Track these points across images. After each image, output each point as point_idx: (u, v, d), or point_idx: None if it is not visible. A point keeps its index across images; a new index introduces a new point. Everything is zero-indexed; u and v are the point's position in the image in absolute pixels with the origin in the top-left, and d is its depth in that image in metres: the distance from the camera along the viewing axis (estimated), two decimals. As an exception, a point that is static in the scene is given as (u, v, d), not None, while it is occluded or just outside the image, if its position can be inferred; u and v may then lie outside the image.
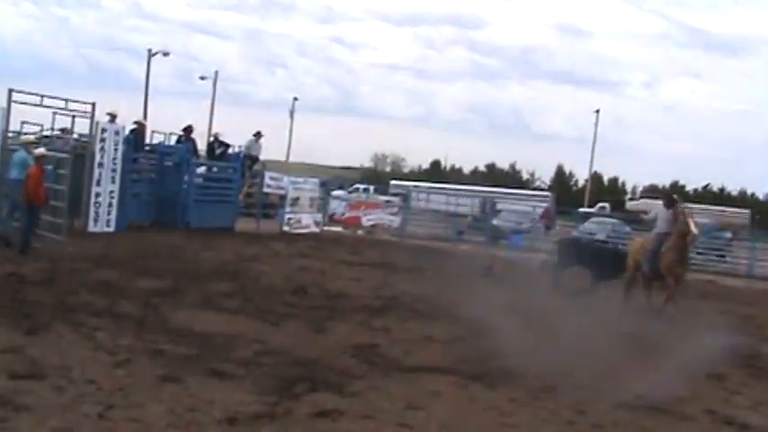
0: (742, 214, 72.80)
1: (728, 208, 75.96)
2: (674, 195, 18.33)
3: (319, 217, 31.45)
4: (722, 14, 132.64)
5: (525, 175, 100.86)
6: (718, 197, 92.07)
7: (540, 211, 46.51)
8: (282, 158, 77.48)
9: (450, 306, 14.51)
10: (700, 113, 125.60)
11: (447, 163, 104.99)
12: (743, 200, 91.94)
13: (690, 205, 32.70)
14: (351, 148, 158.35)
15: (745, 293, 23.83)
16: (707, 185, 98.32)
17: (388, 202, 44.47)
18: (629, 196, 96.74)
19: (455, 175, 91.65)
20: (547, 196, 63.53)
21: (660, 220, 17.07)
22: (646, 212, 64.88)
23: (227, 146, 28.78)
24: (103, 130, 21.38)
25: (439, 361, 10.25)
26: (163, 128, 28.67)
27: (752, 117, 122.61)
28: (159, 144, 26.79)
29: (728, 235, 43.28)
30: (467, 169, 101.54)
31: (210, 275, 15.95)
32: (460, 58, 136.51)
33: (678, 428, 8.20)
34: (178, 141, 27.00)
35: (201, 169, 27.39)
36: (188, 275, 15.53)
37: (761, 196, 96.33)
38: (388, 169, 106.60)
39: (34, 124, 21.94)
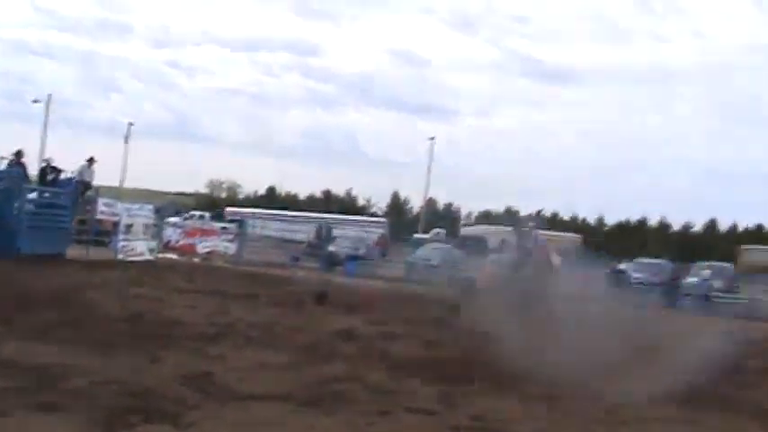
0: (573, 238, 75.15)
1: (561, 233, 78.29)
2: (528, 222, 18.47)
3: (154, 244, 30.83)
4: (555, 45, 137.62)
5: (361, 201, 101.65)
6: (551, 221, 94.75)
7: (375, 237, 46.93)
8: (117, 184, 75.84)
9: (285, 332, 14.43)
10: (533, 141, 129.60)
11: (283, 189, 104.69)
12: (574, 224, 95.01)
13: (544, 232, 33.73)
14: (186, 174, 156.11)
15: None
16: (540, 211, 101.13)
17: (223, 228, 44.05)
18: (463, 222, 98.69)
19: (291, 202, 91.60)
20: (382, 222, 64.24)
21: (511, 247, 16.74)
22: (483, 238, 66.69)
23: (59, 171, 28.04)
24: None
25: (275, 388, 10.12)
26: (-8, 152, 27.62)
27: (583, 145, 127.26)
28: (-13, 168, 25.81)
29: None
30: (303, 195, 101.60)
31: (41, 304, 15.36)
32: (297, 85, 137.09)
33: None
34: (9, 166, 26.11)
35: (33, 195, 26.48)
36: (17, 305, 14.91)
37: (591, 221, 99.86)
38: (223, 195, 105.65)
39: None
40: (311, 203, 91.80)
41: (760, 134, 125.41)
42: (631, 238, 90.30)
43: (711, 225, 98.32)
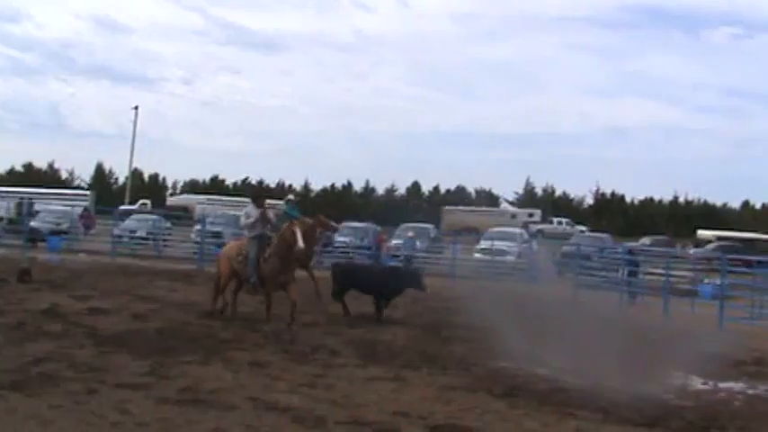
0: (279, 206, 75.73)
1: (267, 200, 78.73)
2: (263, 193, 17.90)
3: None
4: (260, 12, 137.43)
5: (64, 175, 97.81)
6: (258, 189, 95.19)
7: (79, 210, 45.43)
8: None
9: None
10: (238, 109, 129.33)
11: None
12: (280, 192, 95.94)
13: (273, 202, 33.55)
14: None
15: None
16: (246, 179, 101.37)
17: None
18: (170, 192, 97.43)
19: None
20: (87, 195, 62.27)
21: (254, 221, 15.83)
22: (189, 208, 65.90)
23: None
24: None
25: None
26: None
27: (290, 112, 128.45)
28: None
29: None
30: (2, 169, 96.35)
31: None
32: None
33: (224, 418, 8.39)
34: None
35: None
36: None
37: (297, 188, 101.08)
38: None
39: None
40: (11, 178, 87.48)
41: (458, 100, 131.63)
42: (338, 203, 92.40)
43: (415, 187, 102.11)
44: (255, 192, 17.32)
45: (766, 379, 12.79)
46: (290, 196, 19.93)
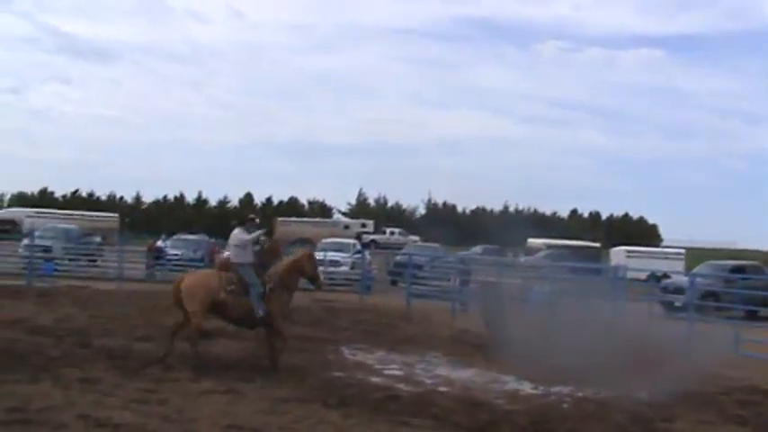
0: (111, 219, 74.34)
1: (98, 213, 77.19)
2: (253, 215, 15.78)
3: None
4: (91, 20, 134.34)
5: None
6: (88, 202, 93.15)
7: None
8: None
9: None
10: (68, 119, 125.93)
11: None
12: (112, 204, 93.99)
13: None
14: None
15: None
16: (76, 191, 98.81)
17: None
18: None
19: None
20: None
21: (236, 248, 13.78)
22: (17, 221, 63.71)
23: None
24: None
25: None
26: None
27: (122, 122, 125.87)
28: None
29: (98, 239, 43.99)
30: None
31: None
32: None
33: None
34: None
35: None
36: None
37: (129, 200, 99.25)
38: None
39: None
40: None
41: (292, 111, 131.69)
42: (170, 215, 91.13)
43: (248, 198, 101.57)
44: (246, 213, 16.11)
45: (594, 383, 13.32)
46: (251, 215, 19.43)
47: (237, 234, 13.93)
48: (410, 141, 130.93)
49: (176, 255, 35.94)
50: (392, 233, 75.83)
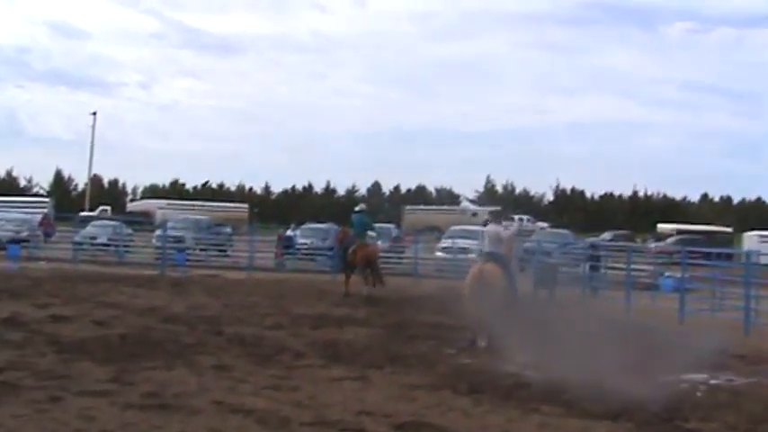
0: (241, 209, 75.78)
1: (228, 203, 78.80)
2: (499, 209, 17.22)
3: None
4: (216, 14, 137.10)
5: (23, 182, 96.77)
6: (218, 192, 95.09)
7: (38, 217, 45.04)
8: None
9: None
10: (197, 112, 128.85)
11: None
12: (241, 195, 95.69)
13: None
14: None
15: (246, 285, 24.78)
16: (206, 182, 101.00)
17: None
18: (129, 197, 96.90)
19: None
20: (46, 202, 61.76)
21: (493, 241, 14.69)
22: (150, 213, 65.57)
23: None
24: None
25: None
26: None
27: (249, 114, 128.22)
28: None
29: (228, 230, 44.84)
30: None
31: None
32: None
33: (188, 422, 8.39)
34: None
35: None
36: None
37: (258, 190, 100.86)
38: None
39: None
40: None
41: (418, 99, 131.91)
42: (299, 204, 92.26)
43: (376, 187, 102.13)
44: (498, 210, 17.68)
45: (726, 369, 12.94)
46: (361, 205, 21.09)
47: (493, 229, 15.10)
48: (537, 127, 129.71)
49: (305, 244, 36.37)
50: (520, 220, 75.19)
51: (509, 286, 14.49)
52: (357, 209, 23.91)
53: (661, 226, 66.41)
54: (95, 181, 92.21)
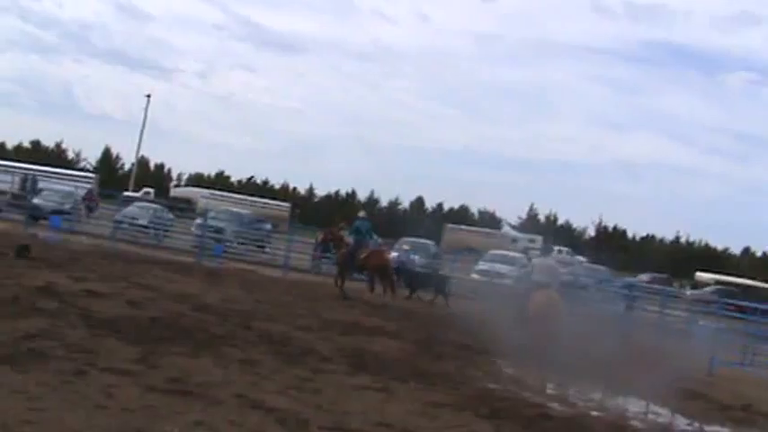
0: (283, 207, 76.07)
1: (271, 200, 79.13)
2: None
3: None
4: (279, 11, 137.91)
5: (71, 155, 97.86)
6: (262, 189, 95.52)
7: (82, 192, 45.46)
8: None
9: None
10: (251, 107, 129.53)
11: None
12: (285, 194, 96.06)
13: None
14: None
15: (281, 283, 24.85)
16: (251, 177, 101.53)
17: None
18: (174, 183, 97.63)
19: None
20: (91, 178, 62.37)
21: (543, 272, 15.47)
22: (192, 200, 65.99)
23: None
24: None
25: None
26: None
27: (301, 115, 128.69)
28: None
29: (269, 226, 44.97)
30: (10, 144, 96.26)
31: None
32: (11, 27, 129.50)
33: (208, 411, 8.40)
34: None
35: None
36: None
37: (302, 191, 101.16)
38: None
39: None
40: (18, 153, 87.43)
41: (469, 119, 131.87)
42: (340, 210, 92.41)
43: (419, 202, 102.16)
44: (549, 246, 18.91)
45: (751, 424, 12.77)
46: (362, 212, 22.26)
47: (541, 261, 16.22)
48: (587, 161, 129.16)
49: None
50: (559, 251, 74.67)
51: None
52: (360, 215, 24.58)
53: (700, 274, 65.80)
54: (142, 163, 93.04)
